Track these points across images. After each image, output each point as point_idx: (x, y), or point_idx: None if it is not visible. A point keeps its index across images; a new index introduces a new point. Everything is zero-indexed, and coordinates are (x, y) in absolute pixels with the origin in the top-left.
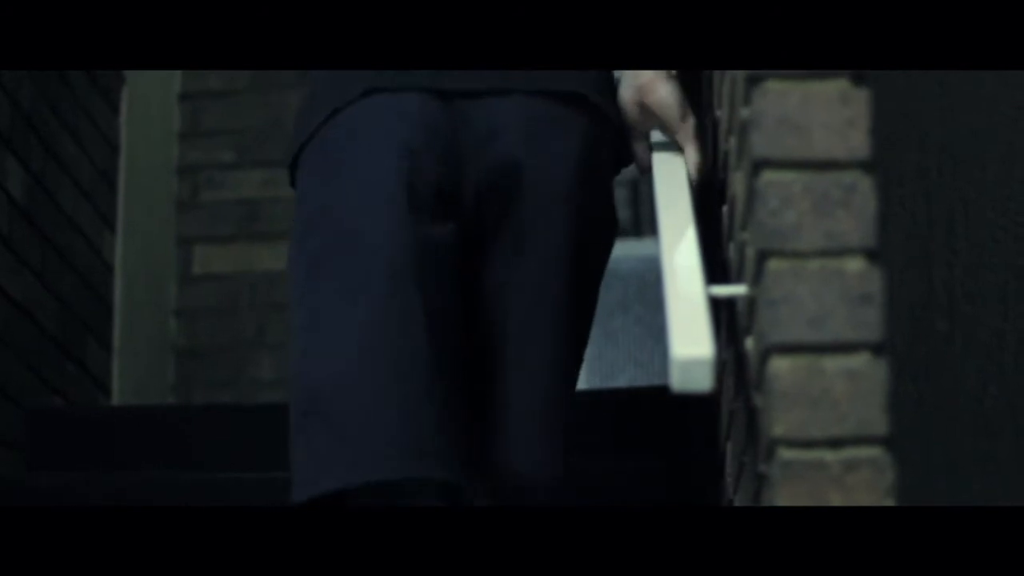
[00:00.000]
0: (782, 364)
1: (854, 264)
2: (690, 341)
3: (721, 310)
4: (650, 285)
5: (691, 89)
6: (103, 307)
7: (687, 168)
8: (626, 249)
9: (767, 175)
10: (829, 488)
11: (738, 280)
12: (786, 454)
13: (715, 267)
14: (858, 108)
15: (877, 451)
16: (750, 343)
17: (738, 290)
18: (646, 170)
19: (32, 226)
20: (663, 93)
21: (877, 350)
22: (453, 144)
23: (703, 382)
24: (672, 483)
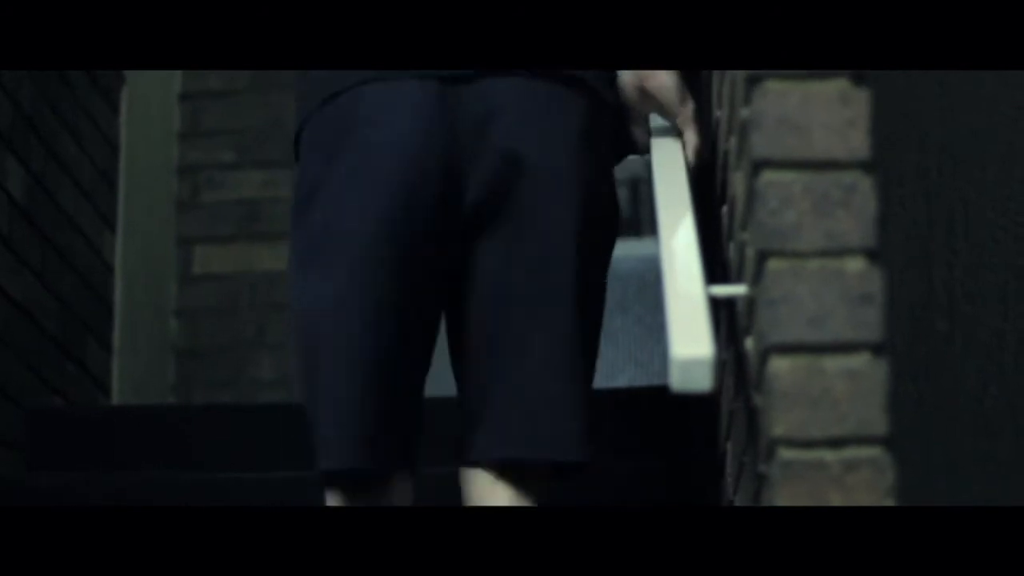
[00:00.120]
0: (782, 364)
1: (854, 264)
2: (690, 341)
3: (721, 310)
4: (650, 285)
5: (690, 74)
6: (103, 307)
7: (686, 153)
8: (626, 249)
9: (767, 175)
10: (829, 488)
11: (738, 280)
12: (786, 454)
13: (715, 267)
14: (858, 108)
15: (877, 451)
16: (750, 343)
17: (738, 290)
18: (645, 152)
19: (32, 226)
20: (663, 77)
21: (877, 350)
22: (452, 129)
23: (703, 382)
24: (672, 483)
